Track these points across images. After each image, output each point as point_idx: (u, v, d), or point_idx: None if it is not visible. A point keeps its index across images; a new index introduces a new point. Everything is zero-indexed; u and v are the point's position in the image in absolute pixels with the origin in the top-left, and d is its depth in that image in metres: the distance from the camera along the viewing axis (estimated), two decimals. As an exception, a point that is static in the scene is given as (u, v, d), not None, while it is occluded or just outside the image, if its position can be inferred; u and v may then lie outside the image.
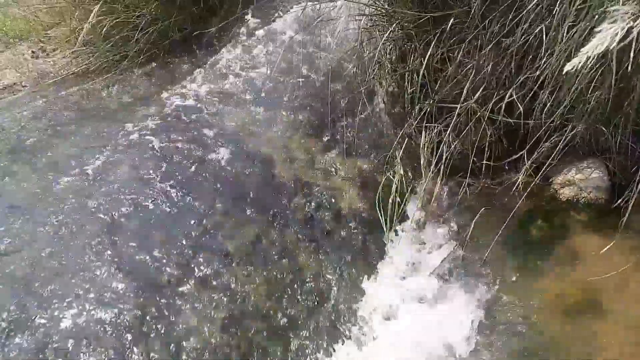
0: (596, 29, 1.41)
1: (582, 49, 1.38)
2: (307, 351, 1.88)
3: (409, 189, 2.45)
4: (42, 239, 1.94)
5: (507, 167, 2.41)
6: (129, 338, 1.70)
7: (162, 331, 1.75)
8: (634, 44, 1.57)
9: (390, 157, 2.52)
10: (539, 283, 2.04)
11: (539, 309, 1.95)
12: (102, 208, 2.08)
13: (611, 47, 1.35)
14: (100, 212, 2.07)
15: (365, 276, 2.18)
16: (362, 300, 2.09)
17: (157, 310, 1.79)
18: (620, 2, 1.54)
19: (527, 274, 2.08)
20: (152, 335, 1.73)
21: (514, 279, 2.08)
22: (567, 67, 1.41)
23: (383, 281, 2.17)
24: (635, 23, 1.40)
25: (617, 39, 1.36)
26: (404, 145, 2.49)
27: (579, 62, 1.37)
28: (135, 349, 1.68)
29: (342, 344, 1.94)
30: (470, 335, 1.92)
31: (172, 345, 1.73)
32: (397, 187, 2.39)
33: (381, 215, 2.32)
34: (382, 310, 2.06)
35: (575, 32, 1.88)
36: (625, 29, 1.38)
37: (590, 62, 1.74)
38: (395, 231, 2.35)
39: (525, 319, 1.93)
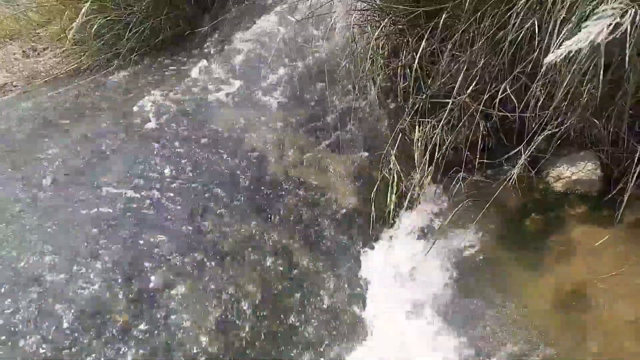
0: (583, 24, 1.41)
1: (565, 42, 1.38)
2: (303, 351, 1.88)
3: (403, 184, 2.44)
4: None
5: (501, 161, 2.41)
6: (123, 339, 1.69)
7: (156, 332, 1.74)
8: (628, 37, 1.57)
9: (384, 153, 2.51)
10: (532, 275, 2.05)
11: (532, 300, 1.96)
12: (92, 208, 2.07)
13: (597, 42, 1.35)
14: (91, 213, 2.06)
15: (359, 273, 2.17)
16: (358, 298, 2.09)
17: (151, 310, 1.78)
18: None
19: (521, 267, 2.08)
20: (145, 336, 1.72)
21: (508, 271, 2.08)
22: (549, 59, 1.41)
23: (376, 279, 2.17)
24: (623, 19, 1.40)
25: (604, 34, 1.36)
26: (398, 141, 2.48)
27: (561, 54, 1.37)
28: (128, 351, 1.67)
29: (338, 343, 1.94)
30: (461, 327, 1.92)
31: (165, 345, 1.72)
32: (391, 183, 2.39)
33: (385, 211, 2.32)
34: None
35: (568, 26, 1.87)
36: (613, 24, 1.38)
37: (582, 55, 1.75)
38: (392, 224, 2.35)
39: (518, 310, 1.93)
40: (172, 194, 2.19)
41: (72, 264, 1.85)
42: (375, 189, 2.36)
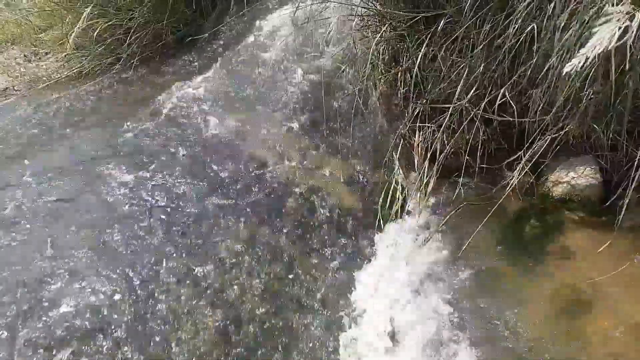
0: (594, 30, 1.40)
1: (580, 50, 1.37)
2: (303, 353, 1.87)
3: (404, 188, 2.44)
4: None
5: (501, 166, 2.41)
6: (123, 343, 1.69)
7: (157, 336, 1.74)
8: (629, 42, 1.57)
9: (385, 157, 2.52)
10: (532, 280, 2.05)
11: (532, 306, 1.95)
12: (95, 214, 2.08)
13: (609, 47, 1.35)
14: (94, 219, 2.06)
15: (359, 276, 2.18)
16: (354, 302, 2.09)
17: (152, 314, 1.78)
18: (615, 2, 1.55)
19: (521, 272, 2.08)
20: (146, 340, 1.72)
21: (507, 276, 2.08)
22: (567, 69, 1.40)
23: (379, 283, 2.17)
24: (633, 22, 1.39)
25: (615, 39, 1.35)
26: (400, 146, 2.49)
27: (579, 63, 1.37)
28: (129, 354, 1.67)
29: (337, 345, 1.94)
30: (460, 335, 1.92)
31: (167, 350, 1.72)
32: (392, 187, 2.39)
33: (380, 214, 2.33)
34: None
35: (569, 31, 1.88)
36: (622, 28, 1.38)
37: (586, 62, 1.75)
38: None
39: (517, 317, 1.93)
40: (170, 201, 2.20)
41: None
42: (380, 193, 2.36)
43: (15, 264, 1.85)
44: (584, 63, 1.40)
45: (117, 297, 1.80)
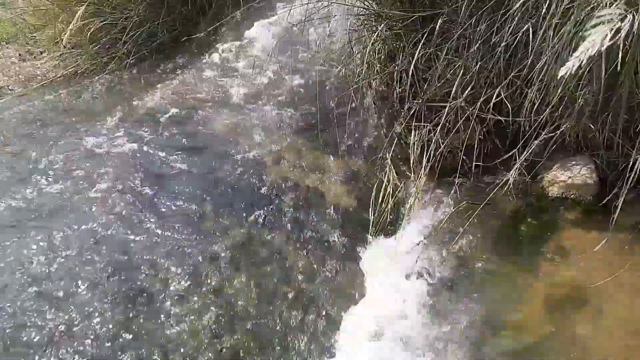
0: (586, 33, 1.41)
1: (574, 53, 1.38)
2: (298, 353, 1.87)
3: (399, 188, 2.44)
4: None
5: (497, 165, 2.42)
6: (118, 342, 1.69)
7: (151, 335, 1.73)
8: (621, 43, 1.58)
9: (380, 157, 2.52)
10: (527, 279, 2.05)
11: (527, 306, 1.96)
12: (89, 214, 2.07)
13: (602, 49, 1.36)
14: (88, 219, 2.05)
15: (354, 278, 2.17)
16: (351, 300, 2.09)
17: (146, 314, 1.78)
18: (607, 3, 1.55)
19: (516, 271, 2.09)
20: (140, 339, 1.72)
21: (503, 276, 2.08)
22: (561, 72, 1.40)
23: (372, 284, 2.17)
24: (623, 24, 1.40)
25: (607, 40, 1.36)
26: (393, 145, 2.49)
27: (573, 66, 1.37)
28: (123, 354, 1.67)
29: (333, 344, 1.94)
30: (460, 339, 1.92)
31: (161, 349, 1.72)
32: (387, 187, 2.39)
33: (371, 215, 2.33)
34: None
35: (563, 31, 1.89)
36: (614, 29, 1.39)
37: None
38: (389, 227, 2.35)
39: (512, 316, 1.93)
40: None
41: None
42: (373, 193, 2.36)
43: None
44: (577, 66, 1.41)
45: (108, 299, 1.80)
